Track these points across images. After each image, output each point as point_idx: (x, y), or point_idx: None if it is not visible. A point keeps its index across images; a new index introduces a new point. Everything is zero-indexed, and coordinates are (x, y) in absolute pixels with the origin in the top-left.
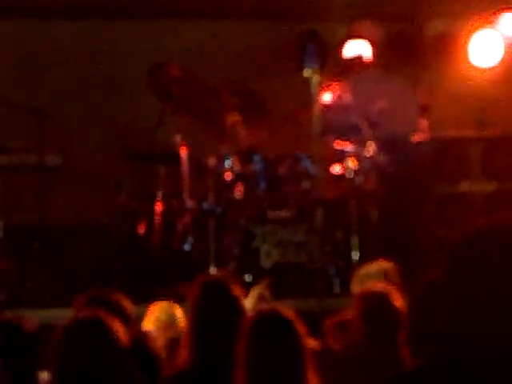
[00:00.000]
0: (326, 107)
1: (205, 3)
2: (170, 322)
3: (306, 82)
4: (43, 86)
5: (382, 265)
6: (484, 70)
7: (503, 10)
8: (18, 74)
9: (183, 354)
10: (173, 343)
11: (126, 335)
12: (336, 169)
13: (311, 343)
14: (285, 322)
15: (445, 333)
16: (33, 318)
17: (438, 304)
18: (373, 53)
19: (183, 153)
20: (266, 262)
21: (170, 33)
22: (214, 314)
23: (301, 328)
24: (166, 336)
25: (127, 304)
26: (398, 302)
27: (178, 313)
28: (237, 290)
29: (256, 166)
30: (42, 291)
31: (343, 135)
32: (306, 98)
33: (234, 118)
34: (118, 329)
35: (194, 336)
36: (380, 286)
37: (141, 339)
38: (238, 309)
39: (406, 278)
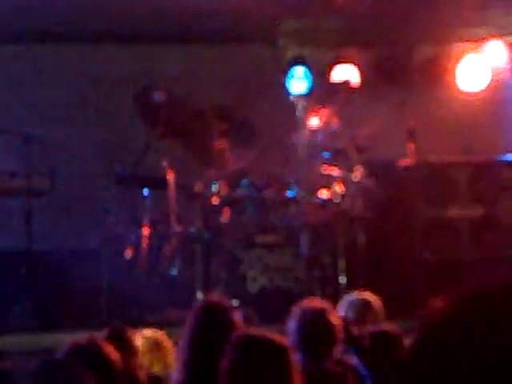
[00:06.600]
0: (314, 132)
1: (192, 29)
2: (153, 357)
3: (294, 106)
4: (31, 110)
5: (365, 297)
6: (471, 95)
7: (490, 37)
8: (5, 99)
9: (176, 378)
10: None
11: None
12: (323, 193)
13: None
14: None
15: None
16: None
17: None
18: (360, 78)
19: (170, 177)
20: (252, 287)
21: (157, 58)
22: (211, 339)
23: (292, 355)
24: (150, 370)
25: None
26: (334, 318)
27: (163, 342)
28: (236, 315)
29: (243, 190)
30: (29, 317)
31: (330, 160)
32: (294, 122)
33: (221, 143)
34: (113, 354)
35: (188, 358)
36: (317, 301)
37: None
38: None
39: (394, 305)
